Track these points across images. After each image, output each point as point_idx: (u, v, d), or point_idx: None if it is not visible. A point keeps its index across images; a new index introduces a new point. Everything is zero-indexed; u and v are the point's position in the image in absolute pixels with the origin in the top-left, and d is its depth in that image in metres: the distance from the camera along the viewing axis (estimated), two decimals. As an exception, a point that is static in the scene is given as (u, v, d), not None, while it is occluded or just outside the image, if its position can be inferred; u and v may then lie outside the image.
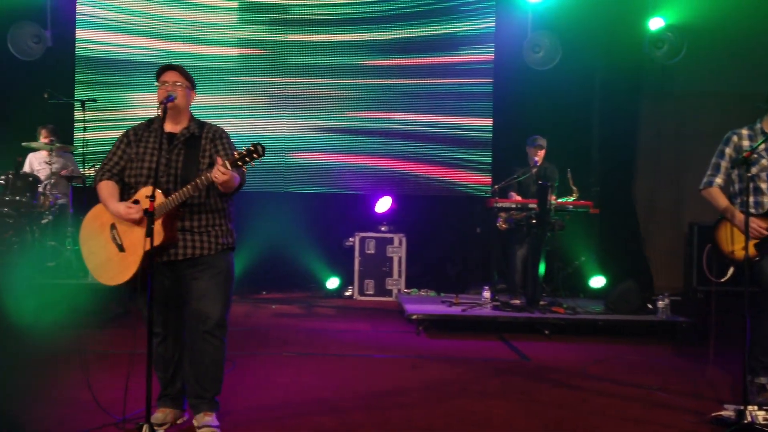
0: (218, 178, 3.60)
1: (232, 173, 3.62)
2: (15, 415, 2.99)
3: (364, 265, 9.09)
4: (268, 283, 9.26)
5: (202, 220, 3.87)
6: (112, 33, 9.68)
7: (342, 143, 9.74)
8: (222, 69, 9.65)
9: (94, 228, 3.91)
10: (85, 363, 4.09)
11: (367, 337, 6.86)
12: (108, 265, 3.84)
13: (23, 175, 7.46)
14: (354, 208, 9.62)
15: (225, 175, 3.59)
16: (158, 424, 3.87)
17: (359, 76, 9.72)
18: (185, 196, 3.70)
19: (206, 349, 3.88)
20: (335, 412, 4.41)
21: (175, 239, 3.79)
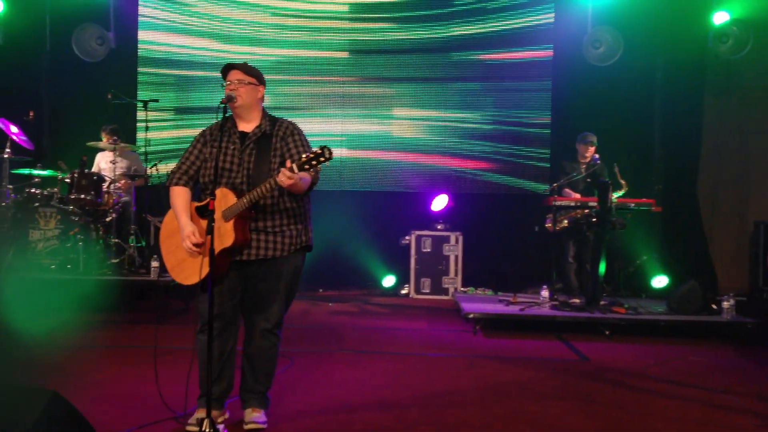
0: (284, 183, 3.58)
1: (299, 177, 3.59)
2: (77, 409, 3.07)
3: (420, 264, 9.07)
4: (325, 281, 9.32)
5: (275, 221, 3.88)
6: (172, 34, 9.87)
7: (398, 141, 9.73)
8: (279, 69, 9.74)
9: (173, 228, 3.94)
10: (154, 358, 4.14)
11: (423, 335, 6.84)
12: (183, 265, 3.88)
13: (88, 174, 7.64)
14: (410, 206, 9.60)
15: (291, 180, 3.56)
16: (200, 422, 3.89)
17: (417, 73, 9.70)
18: (255, 198, 3.71)
19: (263, 345, 3.95)
20: (391, 409, 4.40)
21: (247, 240, 3.81)
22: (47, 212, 7.42)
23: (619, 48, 9.07)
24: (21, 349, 5.78)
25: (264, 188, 3.68)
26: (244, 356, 4.02)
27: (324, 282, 9.31)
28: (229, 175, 3.83)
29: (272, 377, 4.05)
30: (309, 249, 4.06)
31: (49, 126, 9.82)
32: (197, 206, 3.88)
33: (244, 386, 4.03)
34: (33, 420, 2.84)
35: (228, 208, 3.73)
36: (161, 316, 7.06)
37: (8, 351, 5.70)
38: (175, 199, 3.92)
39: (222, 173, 3.83)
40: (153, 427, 3.87)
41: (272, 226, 3.87)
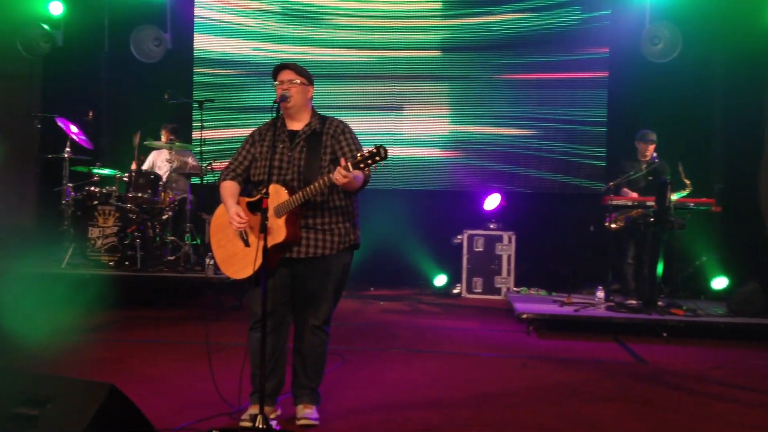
0: (339, 181, 3.61)
1: (353, 175, 3.62)
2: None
3: (472, 263, 9.00)
4: (377, 280, 9.32)
5: (325, 218, 3.90)
6: (227, 35, 9.99)
7: (450, 139, 9.69)
8: (332, 68, 9.78)
9: (222, 222, 3.99)
10: (208, 354, 4.19)
11: (476, 335, 6.79)
12: (233, 260, 3.92)
13: (145, 172, 7.79)
14: (462, 205, 9.55)
15: (346, 178, 3.59)
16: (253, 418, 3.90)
17: (470, 72, 9.64)
18: (307, 196, 3.73)
19: (313, 341, 3.98)
20: (442, 408, 4.37)
21: (298, 237, 3.84)
22: (106, 210, 7.57)
23: (677, 44, 8.88)
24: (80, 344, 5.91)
25: (317, 185, 3.70)
26: (294, 353, 4.05)
27: (375, 280, 9.31)
28: (279, 173, 3.87)
29: (322, 373, 4.08)
30: (356, 247, 4.08)
31: (108, 126, 10.04)
32: (249, 201, 3.91)
33: (295, 382, 4.06)
34: (93, 413, 2.90)
35: (280, 204, 3.75)
36: (215, 312, 7.15)
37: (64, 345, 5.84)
38: (223, 190, 4.00)
39: (272, 171, 3.86)
40: (207, 422, 3.91)
41: (321, 223, 3.89)
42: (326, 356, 4.08)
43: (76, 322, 6.77)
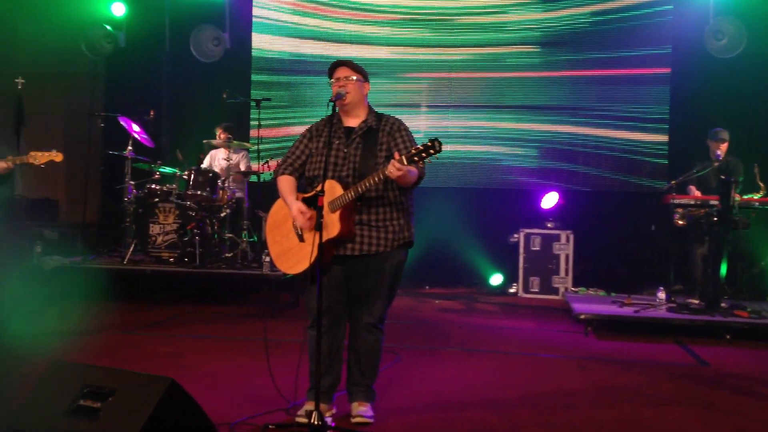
0: (393, 174, 3.60)
1: (407, 169, 3.61)
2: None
3: (529, 262, 8.90)
4: (432, 278, 9.28)
5: (379, 214, 3.90)
6: (285, 34, 10.06)
7: (507, 137, 9.59)
8: (388, 66, 9.77)
9: (278, 218, 4.02)
10: (266, 350, 4.22)
11: (532, 335, 6.71)
12: (288, 255, 3.93)
13: (204, 170, 7.90)
14: (519, 203, 9.44)
15: (400, 171, 3.58)
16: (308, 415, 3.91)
17: (528, 68, 9.54)
18: (362, 190, 3.73)
19: (368, 339, 3.98)
20: (498, 408, 4.33)
21: (352, 233, 3.84)
22: (166, 207, 7.71)
23: (742, 39, 8.62)
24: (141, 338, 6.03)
25: (372, 180, 3.70)
26: (350, 350, 4.05)
27: (431, 279, 9.28)
28: (334, 169, 3.87)
29: (377, 371, 4.08)
30: (411, 245, 4.06)
31: (168, 124, 10.21)
32: (304, 197, 3.92)
33: (350, 380, 4.06)
34: (153, 407, 2.94)
35: (335, 199, 3.76)
36: (272, 309, 7.21)
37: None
38: (281, 185, 4.00)
39: (328, 167, 3.87)
40: (263, 417, 3.94)
41: (376, 219, 3.89)
42: (381, 354, 4.08)
43: (137, 317, 6.92)
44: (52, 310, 7.17)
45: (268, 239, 4.09)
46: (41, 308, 7.20)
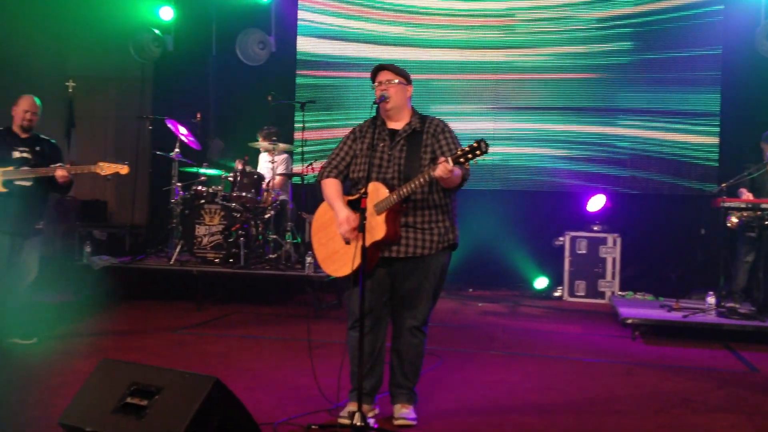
0: (438, 176, 3.60)
1: (454, 170, 3.60)
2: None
3: (574, 266, 8.79)
4: (475, 281, 9.23)
5: (424, 216, 3.89)
6: (329, 37, 10.11)
7: (553, 139, 9.49)
8: (432, 68, 9.75)
9: (324, 220, 4.02)
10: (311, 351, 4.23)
11: (578, 339, 6.62)
12: (334, 257, 3.93)
13: (249, 173, 7.97)
14: (564, 206, 9.34)
15: (447, 173, 3.57)
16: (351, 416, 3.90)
17: (573, 69, 9.43)
18: (407, 192, 3.72)
19: (412, 341, 3.97)
20: (543, 413, 4.28)
21: (397, 235, 3.83)
22: (212, 209, 7.79)
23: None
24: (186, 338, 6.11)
25: (417, 182, 3.69)
26: (392, 352, 4.04)
27: (474, 281, 9.22)
28: (378, 171, 3.87)
29: (420, 373, 4.07)
30: (455, 247, 4.04)
31: (215, 127, 10.33)
32: (349, 200, 3.93)
33: (393, 382, 4.05)
34: (198, 405, 2.97)
35: (380, 201, 3.76)
36: (315, 310, 7.24)
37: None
38: (327, 189, 3.99)
39: (372, 169, 3.87)
40: (306, 418, 3.95)
41: (421, 222, 3.88)
42: (424, 356, 4.06)
43: (183, 317, 7.01)
44: (101, 309, 7.30)
45: (314, 242, 4.09)
46: (90, 307, 7.34)
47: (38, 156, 5.62)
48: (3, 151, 5.53)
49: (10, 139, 5.59)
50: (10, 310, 5.64)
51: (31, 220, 5.61)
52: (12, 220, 5.49)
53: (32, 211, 5.61)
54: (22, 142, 5.62)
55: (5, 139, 5.58)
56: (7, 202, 5.46)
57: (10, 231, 5.51)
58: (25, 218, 5.56)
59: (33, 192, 5.58)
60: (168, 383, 3.11)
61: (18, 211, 5.49)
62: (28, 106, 5.63)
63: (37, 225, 5.68)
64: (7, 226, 5.49)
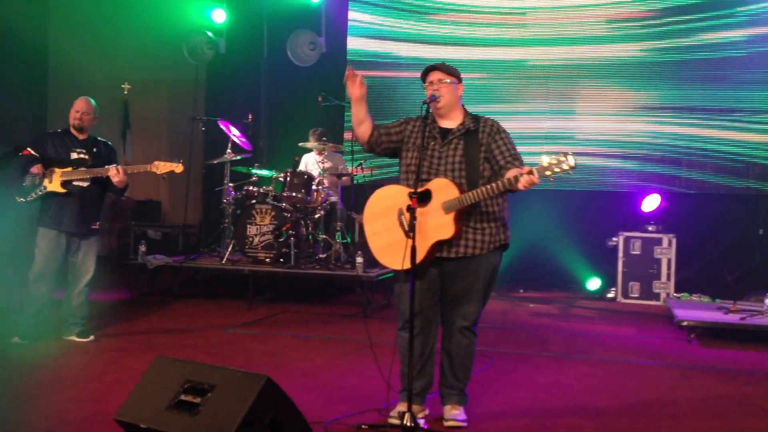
0: (523, 187, 3.61)
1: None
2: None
3: (628, 266, 8.63)
4: (527, 281, 9.13)
5: (477, 216, 3.87)
6: (380, 37, 10.11)
7: (606, 138, 9.34)
8: (484, 68, 9.68)
9: (380, 208, 3.98)
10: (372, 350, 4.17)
11: (632, 341, 6.50)
12: (391, 249, 3.88)
13: (299, 173, 8.02)
14: (618, 206, 9.18)
15: (530, 185, 3.59)
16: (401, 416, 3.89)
17: (628, 69, 9.27)
18: (483, 196, 3.70)
19: (462, 342, 3.95)
20: (596, 416, 4.21)
21: (460, 235, 3.82)
22: (263, 209, 7.86)
23: None
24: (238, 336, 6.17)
25: (495, 186, 3.67)
26: (442, 352, 4.02)
27: (525, 282, 9.12)
28: (429, 169, 3.86)
29: (470, 374, 4.04)
30: (506, 248, 4.02)
31: (266, 128, 10.43)
32: (411, 193, 3.88)
33: (443, 382, 4.03)
34: (249, 403, 3.00)
35: (450, 201, 3.73)
36: (365, 310, 7.25)
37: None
38: None
39: (424, 165, 3.85)
40: (356, 417, 3.96)
41: (473, 222, 3.85)
42: (474, 357, 4.03)
43: (235, 315, 7.08)
44: (155, 307, 7.43)
45: (367, 230, 4.03)
46: (145, 305, 7.48)
47: (95, 157, 5.74)
48: (61, 152, 5.66)
49: (68, 141, 5.72)
50: (68, 309, 5.77)
51: (88, 220, 5.72)
52: (69, 220, 5.61)
53: (89, 211, 5.72)
54: (79, 143, 5.74)
55: (63, 140, 5.72)
56: (65, 202, 5.59)
57: (68, 231, 5.64)
58: (83, 218, 5.67)
59: (90, 192, 5.69)
60: (221, 381, 3.14)
61: (75, 211, 5.62)
62: (79, 106, 5.74)
63: (94, 225, 5.79)
64: (65, 226, 5.62)
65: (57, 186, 5.56)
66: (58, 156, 5.64)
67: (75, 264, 5.75)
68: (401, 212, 3.87)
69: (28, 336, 5.60)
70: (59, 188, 5.57)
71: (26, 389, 4.40)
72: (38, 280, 5.64)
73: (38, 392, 4.35)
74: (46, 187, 5.57)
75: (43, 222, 5.64)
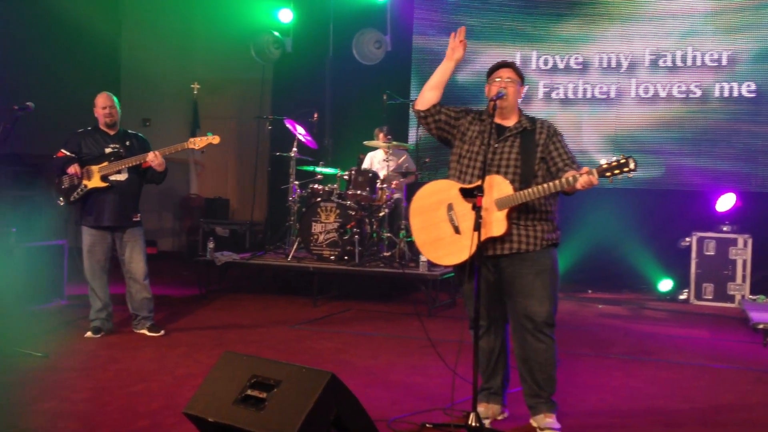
0: (581, 187, 3.61)
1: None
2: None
3: (701, 267, 8.37)
4: (595, 282, 8.96)
5: (529, 214, 3.81)
6: (445, 34, 10.03)
7: (679, 135, 9.10)
8: (549, 63, 9.55)
9: (428, 203, 3.96)
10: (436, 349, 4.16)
11: (705, 344, 6.31)
12: (439, 244, 3.87)
13: (364, 171, 8.04)
14: (691, 205, 8.93)
15: (589, 186, 3.60)
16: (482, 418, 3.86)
17: (702, 61, 9.02)
18: (541, 193, 3.66)
19: (538, 347, 3.81)
20: (667, 420, 4.09)
21: (512, 231, 3.77)
22: (327, 207, 7.91)
23: None
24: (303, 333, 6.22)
25: (551, 185, 3.64)
26: (518, 360, 3.90)
27: (593, 283, 8.95)
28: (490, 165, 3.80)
29: (555, 381, 3.87)
30: (556, 245, 3.94)
31: (331, 126, 10.50)
32: (462, 188, 3.85)
33: (526, 392, 3.91)
34: (314, 399, 3.01)
35: (504, 197, 3.69)
36: (429, 308, 7.23)
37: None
38: None
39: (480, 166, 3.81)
40: (421, 416, 3.94)
41: (525, 218, 3.80)
42: (555, 362, 3.87)
43: (301, 312, 7.15)
44: (223, 303, 7.56)
45: (413, 224, 4.02)
46: (213, 301, 7.61)
47: (129, 150, 5.81)
48: (95, 149, 5.75)
49: (100, 137, 5.81)
50: (133, 304, 5.90)
51: (128, 213, 5.79)
52: (109, 214, 5.69)
53: (128, 203, 5.80)
54: (111, 138, 5.82)
55: (94, 137, 5.81)
56: (105, 198, 5.69)
57: (109, 225, 5.73)
58: (122, 211, 5.75)
59: (128, 185, 5.77)
60: (286, 377, 3.16)
61: (115, 205, 5.70)
62: (104, 102, 5.81)
63: (135, 217, 5.85)
64: (106, 221, 5.70)
65: (97, 181, 5.67)
66: (91, 153, 5.74)
67: (125, 262, 5.86)
68: (450, 207, 3.85)
69: (98, 330, 5.76)
70: (99, 183, 5.67)
71: (100, 382, 4.51)
72: (92, 278, 5.79)
73: (111, 385, 4.46)
74: (86, 186, 5.68)
75: (85, 221, 5.77)
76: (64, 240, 7.29)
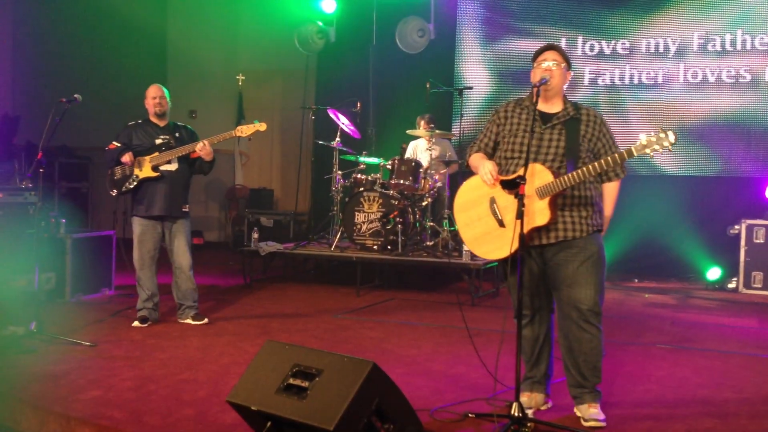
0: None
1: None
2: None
3: (751, 256, 8.20)
4: (641, 271, 8.84)
5: (573, 201, 3.76)
6: (491, 23, 9.97)
7: (728, 120, 8.90)
8: (586, 51, 9.41)
9: (471, 198, 3.94)
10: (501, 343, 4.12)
11: (753, 334, 6.18)
12: (485, 239, 3.85)
13: (407, 160, 8.03)
14: (740, 192, 8.75)
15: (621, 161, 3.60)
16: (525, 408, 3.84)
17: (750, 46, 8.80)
18: (580, 179, 3.61)
19: (583, 337, 3.76)
20: (716, 412, 4.02)
21: (556, 220, 3.73)
22: (370, 196, 7.93)
23: None
24: (346, 322, 6.26)
25: (589, 169, 3.58)
26: (562, 349, 3.87)
27: (640, 271, 8.83)
28: (537, 153, 3.76)
29: (600, 371, 3.82)
30: (601, 231, 3.88)
31: (374, 116, 10.50)
32: (503, 180, 3.81)
33: (570, 382, 3.87)
34: (356, 388, 3.03)
35: (544, 185, 3.64)
36: (472, 298, 7.21)
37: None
38: (474, 157, 4.01)
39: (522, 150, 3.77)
40: (463, 405, 3.94)
41: (569, 206, 3.75)
42: (601, 352, 3.82)
43: (344, 302, 7.19)
44: (267, 292, 7.64)
45: (458, 220, 4.01)
46: (258, 290, 7.70)
47: (179, 141, 5.90)
48: (145, 141, 5.86)
49: (150, 129, 5.91)
50: (179, 294, 6.00)
51: (177, 203, 5.88)
52: (160, 203, 5.80)
53: (178, 193, 5.89)
54: (161, 130, 5.91)
55: (145, 129, 5.91)
56: (155, 188, 5.79)
57: (159, 215, 5.83)
58: (172, 201, 5.84)
59: (178, 175, 5.87)
60: (328, 366, 3.19)
61: (165, 195, 5.80)
62: (155, 93, 5.91)
63: (184, 207, 5.94)
64: (156, 210, 5.80)
65: (148, 171, 5.78)
66: (142, 145, 5.84)
67: (171, 252, 5.95)
68: (493, 201, 3.82)
69: (144, 320, 5.87)
70: (151, 172, 5.77)
71: (146, 371, 4.60)
72: (141, 267, 5.89)
73: (157, 374, 4.55)
74: (138, 176, 5.79)
75: (136, 211, 5.88)
76: (113, 231, 7.45)
